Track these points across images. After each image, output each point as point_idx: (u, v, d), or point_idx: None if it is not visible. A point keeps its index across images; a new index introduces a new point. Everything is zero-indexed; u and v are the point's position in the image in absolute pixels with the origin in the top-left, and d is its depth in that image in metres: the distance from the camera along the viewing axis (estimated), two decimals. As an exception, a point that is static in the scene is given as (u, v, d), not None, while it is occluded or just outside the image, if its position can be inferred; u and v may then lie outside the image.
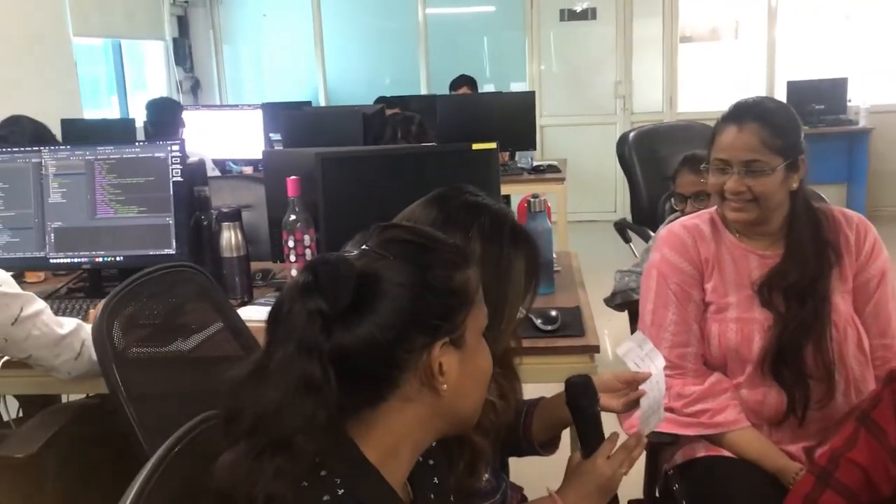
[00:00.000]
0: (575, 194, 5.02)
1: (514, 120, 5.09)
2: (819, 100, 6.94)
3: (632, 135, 4.02)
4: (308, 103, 6.69)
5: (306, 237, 2.27)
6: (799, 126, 1.77)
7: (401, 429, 0.97)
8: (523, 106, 5.20)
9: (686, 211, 2.49)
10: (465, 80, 5.88)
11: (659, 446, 1.90)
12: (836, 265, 1.74)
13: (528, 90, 7.16)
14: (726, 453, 1.74)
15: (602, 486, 1.30)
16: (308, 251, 2.27)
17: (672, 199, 2.72)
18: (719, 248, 1.81)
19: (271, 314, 0.95)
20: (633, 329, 2.44)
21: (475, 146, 2.28)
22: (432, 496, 1.09)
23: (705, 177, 1.82)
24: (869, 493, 1.41)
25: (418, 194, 1.40)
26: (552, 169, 4.91)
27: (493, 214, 1.35)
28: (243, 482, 0.88)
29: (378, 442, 0.96)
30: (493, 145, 2.28)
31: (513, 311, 1.33)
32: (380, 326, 0.92)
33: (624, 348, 1.55)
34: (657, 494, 1.97)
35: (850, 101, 7.01)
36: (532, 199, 2.28)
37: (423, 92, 7.60)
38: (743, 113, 1.72)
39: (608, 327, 1.61)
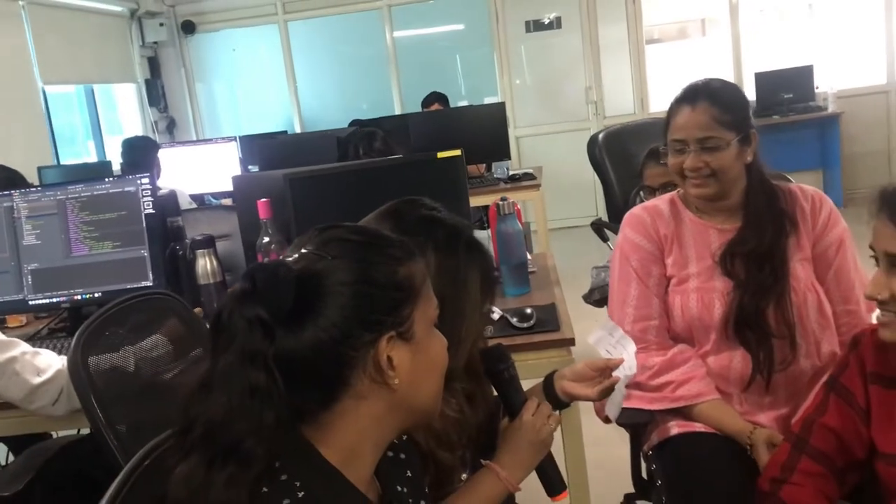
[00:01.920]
0: (554, 201, 5.07)
1: (486, 132, 5.13)
2: (787, 89, 7.02)
3: (601, 135, 4.06)
4: (284, 133, 6.73)
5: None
6: (747, 102, 1.86)
7: (358, 427, 0.97)
8: (495, 117, 5.24)
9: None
10: (436, 97, 5.92)
11: (639, 428, 1.92)
12: (793, 234, 1.81)
13: (499, 102, 7.23)
14: (699, 427, 1.77)
15: (533, 442, 1.35)
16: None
17: (641, 193, 2.75)
18: (679, 225, 1.88)
19: (212, 324, 0.95)
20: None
21: (440, 154, 2.32)
22: (405, 490, 1.11)
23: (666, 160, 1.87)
24: (843, 456, 1.43)
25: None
26: (528, 177, 4.94)
27: (449, 228, 1.37)
28: (197, 494, 0.88)
29: (337, 442, 0.96)
30: (457, 152, 2.31)
31: (471, 322, 1.35)
32: (323, 327, 0.93)
33: (595, 337, 1.58)
34: (644, 478, 2.00)
35: (817, 87, 7.10)
36: (501, 203, 2.31)
37: (398, 113, 7.66)
38: (694, 94, 1.81)
39: (590, 324, 1.65)
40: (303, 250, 0.98)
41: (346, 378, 0.95)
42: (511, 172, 5.03)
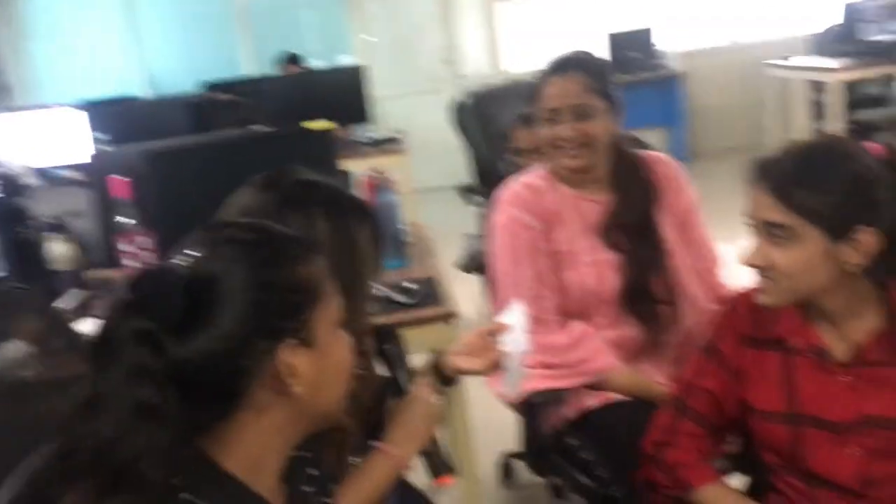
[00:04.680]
0: (416, 163, 5.02)
1: (345, 95, 5.03)
2: (635, 49, 7.29)
3: (466, 99, 4.06)
4: (133, 98, 6.33)
5: (142, 239, 2.16)
6: (613, 73, 1.91)
7: (260, 438, 0.92)
8: (353, 80, 5.14)
9: (526, 165, 2.57)
10: (290, 57, 5.74)
11: (538, 405, 1.94)
12: (658, 200, 1.89)
13: (356, 63, 7.09)
14: (617, 397, 1.81)
15: (424, 414, 1.34)
16: (147, 254, 2.16)
17: (511, 157, 2.79)
18: (558, 199, 1.90)
19: (95, 339, 0.87)
20: (488, 291, 2.49)
21: (310, 126, 2.24)
22: (309, 489, 1.07)
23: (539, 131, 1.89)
24: (720, 416, 1.51)
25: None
26: (391, 141, 4.90)
27: (331, 189, 1.32)
28: None
29: (239, 454, 0.91)
30: (330, 125, 2.25)
31: (368, 285, 1.32)
32: (217, 337, 0.86)
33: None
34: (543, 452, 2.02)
35: (654, 46, 7.37)
36: (375, 175, 2.27)
37: (248, 72, 7.36)
38: (564, 64, 1.86)
39: (464, 292, 1.66)
40: (191, 253, 0.90)
41: (244, 389, 0.89)
42: (373, 136, 4.97)
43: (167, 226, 2.13)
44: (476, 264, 2.55)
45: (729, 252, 1.79)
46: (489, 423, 2.45)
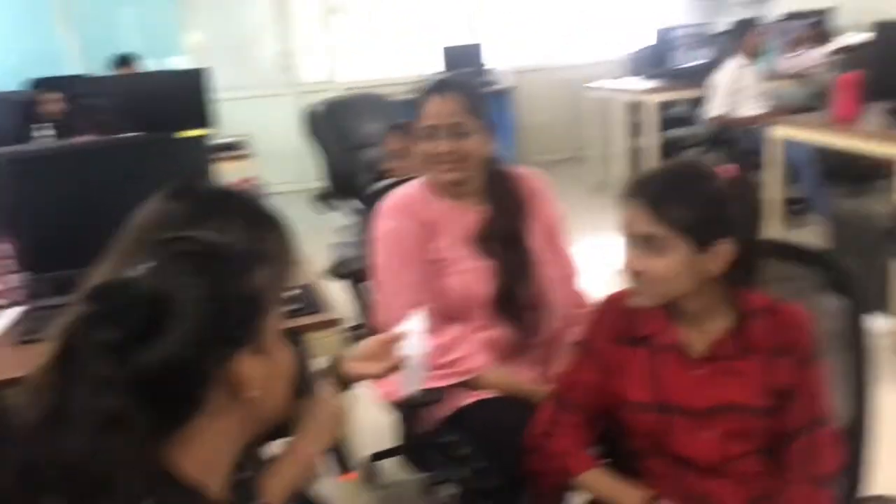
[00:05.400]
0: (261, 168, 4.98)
1: (185, 98, 4.89)
2: (467, 63, 7.56)
3: (317, 108, 4.11)
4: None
5: (3, 247, 2.05)
6: (486, 96, 2.06)
7: (215, 443, 0.96)
8: (194, 83, 5.00)
9: (395, 170, 2.74)
10: (121, 59, 5.51)
11: (415, 404, 2.03)
12: (527, 212, 2.05)
13: (194, 66, 6.89)
14: (489, 394, 1.93)
15: (330, 414, 1.40)
16: (7, 262, 2.05)
17: (379, 164, 2.92)
18: (435, 210, 2.02)
19: (56, 353, 0.87)
20: (359, 296, 2.57)
21: (181, 135, 2.23)
22: (247, 489, 1.11)
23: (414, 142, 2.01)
24: (596, 408, 1.67)
25: (126, 190, 1.33)
26: (234, 146, 4.83)
27: (244, 196, 1.35)
28: None
29: (196, 458, 0.94)
30: (202, 132, 2.23)
31: (283, 292, 1.35)
32: (178, 345, 0.89)
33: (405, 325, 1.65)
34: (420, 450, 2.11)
35: (483, 64, 7.71)
36: (245, 181, 2.29)
37: (72, 72, 6.96)
38: (443, 85, 1.98)
39: (336, 297, 1.75)
40: (147, 264, 0.93)
41: (201, 396, 0.93)
42: (217, 141, 4.87)
43: (32, 235, 2.04)
44: (346, 271, 2.61)
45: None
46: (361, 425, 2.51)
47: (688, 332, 1.58)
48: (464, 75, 2.12)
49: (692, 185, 1.50)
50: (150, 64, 6.74)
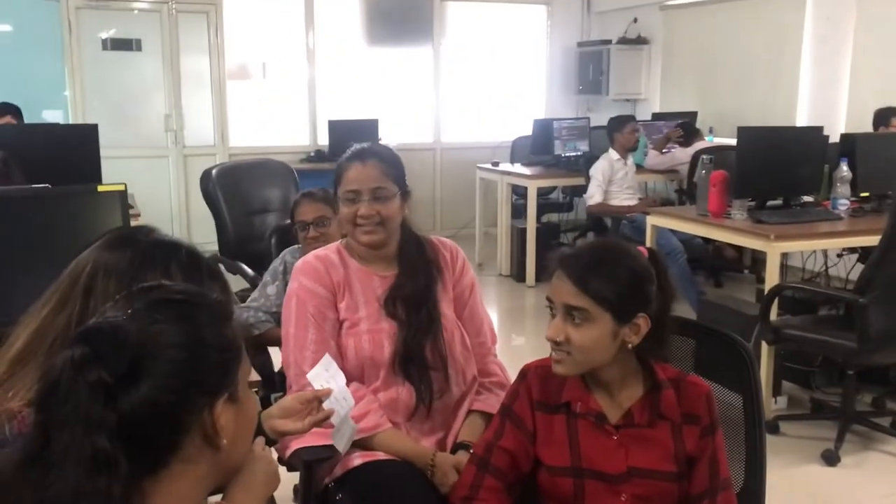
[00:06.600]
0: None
1: (76, 152, 4.73)
2: (356, 137, 7.66)
3: (215, 171, 4.10)
4: None
5: None
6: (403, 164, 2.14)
7: (186, 489, 0.97)
8: (88, 137, 4.85)
9: (309, 236, 2.82)
10: (9, 109, 5.30)
11: (314, 463, 2.04)
12: (439, 279, 2.14)
13: (74, 120, 6.71)
14: (381, 455, 1.96)
15: (265, 471, 1.39)
16: None
17: (291, 230, 2.96)
18: (347, 273, 2.09)
19: (44, 396, 0.88)
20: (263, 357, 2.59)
21: (101, 188, 2.20)
22: None
23: (332, 208, 2.06)
24: (516, 472, 1.74)
25: (40, 240, 1.33)
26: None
27: (188, 249, 1.37)
28: None
29: None
30: (121, 187, 2.21)
31: None
32: (160, 390, 0.91)
33: (313, 373, 1.69)
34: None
35: (381, 139, 7.90)
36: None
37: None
38: (363, 153, 2.08)
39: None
40: (130, 311, 0.95)
41: (178, 443, 0.94)
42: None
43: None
44: (257, 332, 2.64)
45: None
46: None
47: (604, 401, 1.69)
48: (381, 145, 2.21)
49: (616, 262, 1.63)
50: (28, 116, 6.48)
